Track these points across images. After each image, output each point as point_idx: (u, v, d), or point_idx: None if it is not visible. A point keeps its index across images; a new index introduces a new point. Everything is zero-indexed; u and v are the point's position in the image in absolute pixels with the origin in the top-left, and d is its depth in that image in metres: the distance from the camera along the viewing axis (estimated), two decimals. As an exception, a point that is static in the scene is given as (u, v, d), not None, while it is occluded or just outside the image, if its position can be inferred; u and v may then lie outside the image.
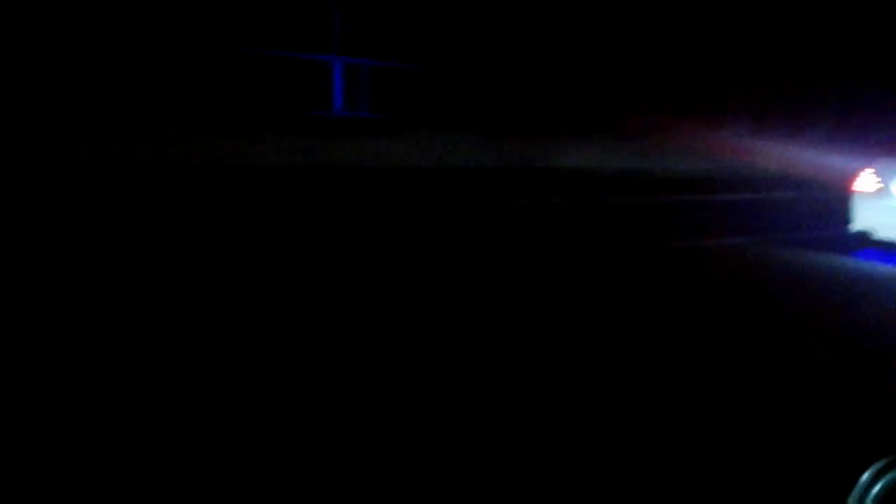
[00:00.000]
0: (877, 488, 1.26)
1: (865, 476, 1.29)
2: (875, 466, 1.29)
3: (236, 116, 12.05)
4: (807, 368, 4.32)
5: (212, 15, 12.20)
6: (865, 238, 8.01)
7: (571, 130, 15.99)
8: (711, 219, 11.27)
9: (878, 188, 7.87)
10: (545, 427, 3.30)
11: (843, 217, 8.26)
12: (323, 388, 3.65)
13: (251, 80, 12.63)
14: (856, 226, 8.09)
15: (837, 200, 8.91)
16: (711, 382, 4.01)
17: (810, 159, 17.83)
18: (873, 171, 7.99)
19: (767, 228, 10.04)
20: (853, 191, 8.14)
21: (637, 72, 17.91)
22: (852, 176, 8.24)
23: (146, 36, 11.75)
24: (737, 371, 4.23)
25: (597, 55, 17.05)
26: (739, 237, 9.23)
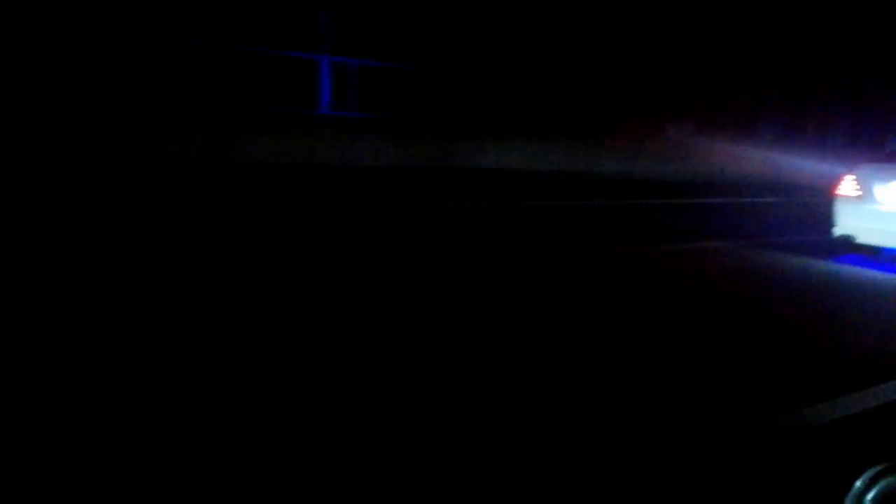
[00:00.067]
0: (871, 495, 1.27)
1: (859, 482, 1.30)
2: (869, 473, 1.30)
3: (222, 113, 11.99)
4: (784, 372, 4.36)
5: (198, 12, 12.12)
6: (848, 243, 8.08)
7: (556, 132, 16.05)
8: (691, 222, 11.35)
9: (861, 193, 7.93)
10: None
11: (826, 222, 8.33)
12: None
13: (238, 78, 12.56)
14: (838, 230, 8.15)
15: (820, 205, 8.99)
16: (685, 383, 4.04)
17: (792, 164, 18.00)
18: (855, 177, 8.05)
19: (748, 232, 10.12)
20: (836, 195, 8.20)
21: (620, 76, 17.98)
22: (835, 181, 8.30)
23: (131, 34, 11.66)
24: (710, 374, 4.26)
25: (576, 59, 17.12)
26: (720, 241, 9.29)
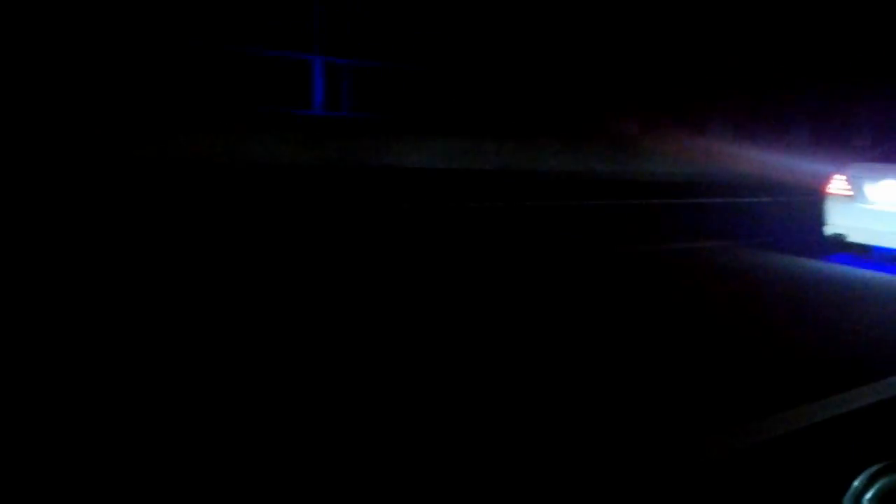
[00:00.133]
0: (870, 494, 1.28)
1: (857, 482, 1.31)
2: (868, 472, 1.32)
3: (216, 114, 11.98)
4: (776, 370, 4.40)
5: (192, 12, 12.11)
6: (839, 242, 8.14)
7: (561, 133, 16.14)
8: (683, 222, 11.39)
9: (851, 192, 7.98)
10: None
11: (817, 221, 8.39)
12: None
13: (232, 78, 12.55)
14: (829, 230, 8.21)
15: (811, 204, 9.04)
16: (680, 383, 4.08)
17: (783, 163, 18.07)
18: (846, 176, 8.11)
19: (738, 232, 10.17)
20: (826, 195, 8.26)
21: (610, 76, 18.04)
22: (826, 180, 8.35)
23: (124, 34, 11.64)
24: (704, 372, 4.30)
25: (569, 58, 17.19)
26: (712, 240, 9.34)
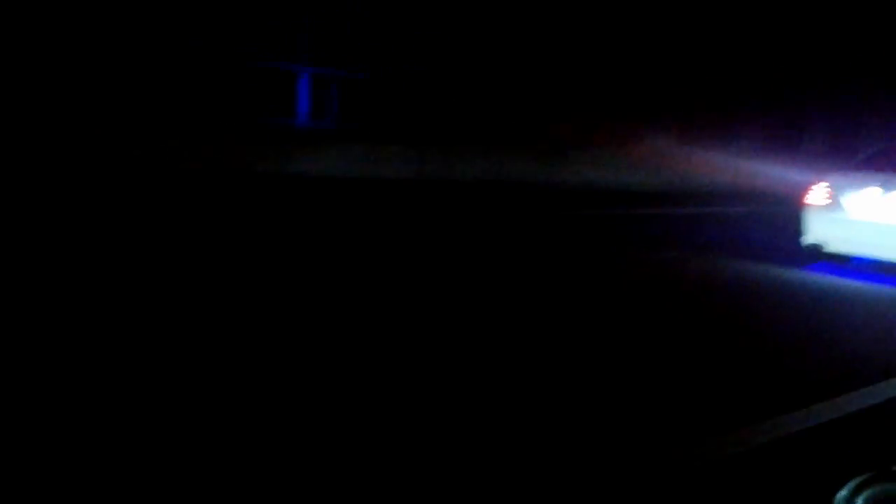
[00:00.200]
0: None
1: (844, 492, 1.32)
2: (852, 482, 1.32)
3: (203, 123, 11.96)
4: (754, 378, 4.46)
5: (181, 22, 12.10)
6: (817, 251, 8.26)
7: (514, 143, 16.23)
8: (663, 232, 11.48)
9: (830, 202, 8.11)
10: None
11: (796, 230, 8.51)
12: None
13: (220, 88, 12.54)
14: (808, 239, 8.33)
15: (790, 214, 9.18)
16: (653, 394, 4.15)
17: (763, 172, 18.27)
18: (825, 186, 8.24)
19: (721, 241, 10.28)
20: (805, 204, 8.38)
21: (584, 84, 18.15)
22: (804, 190, 8.47)
23: (106, 44, 11.61)
24: (683, 381, 4.38)
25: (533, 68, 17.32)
26: (692, 250, 9.41)
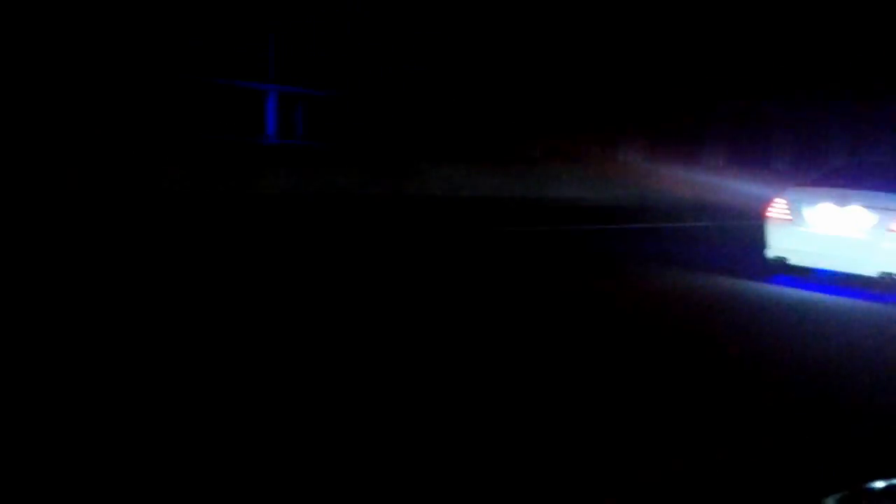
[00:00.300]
0: None
1: None
2: (829, 500, 1.32)
3: (169, 142, 11.91)
4: (719, 395, 4.50)
5: (148, 42, 12.06)
6: (780, 264, 8.42)
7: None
8: (627, 246, 11.56)
9: (791, 216, 8.27)
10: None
11: (759, 244, 8.65)
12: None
13: (186, 107, 12.49)
14: (770, 252, 8.48)
15: (753, 228, 9.32)
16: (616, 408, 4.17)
17: (727, 188, 18.55)
18: (785, 200, 8.40)
19: (685, 255, 10.38)
20: (767, 218, 8.54)
21: (551, 102, 18.35)
22: (766, 205, 8.64)
23: (78, 65, 11.55)
24: (642, 394, 4.40)
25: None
26: (657, 264, 9.51)
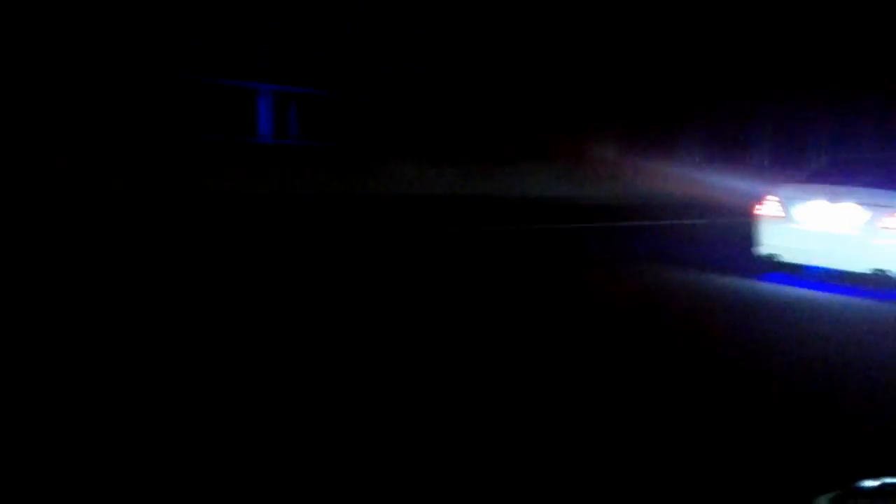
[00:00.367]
0: None
1: None
2: (821, 500, 1.33)
3: (164, 142, 11.86)
4: (709, 391, 4.50)
5: (140, 42, 12.00)
6: (771, 261, 8.52)
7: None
8: (616, 244, 11.61)
9: (782, 213, 8.33)
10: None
11: (749, 241, 8.75)
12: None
13: (179, 106, 12.44)
14: (762, 250, 8.55)
15: (742, 226, 9.39)
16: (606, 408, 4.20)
17: (715, 185, 18.65)
18: (777, 197, 8.48)
19: (674, 253, 10.44)
20: (758, 216, 8.63)
21: (534, 100, 18.38)
22: (756, 202, 8.71)
23: (70, 64, 11.49)
24: (641, 394, 4.40)
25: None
26: (647, 262, 9.55)
